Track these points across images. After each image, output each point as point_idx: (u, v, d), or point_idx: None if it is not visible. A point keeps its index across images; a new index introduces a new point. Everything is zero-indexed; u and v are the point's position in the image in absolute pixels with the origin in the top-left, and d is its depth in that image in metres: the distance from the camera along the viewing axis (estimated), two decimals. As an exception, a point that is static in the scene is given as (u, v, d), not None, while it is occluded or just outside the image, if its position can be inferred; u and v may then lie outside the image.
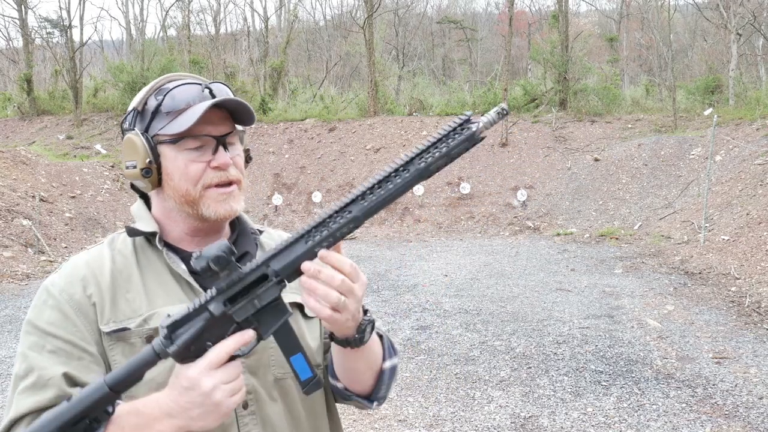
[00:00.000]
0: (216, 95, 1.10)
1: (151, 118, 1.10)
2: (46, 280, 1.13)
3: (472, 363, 5.46)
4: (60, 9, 44.68)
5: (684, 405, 4.45)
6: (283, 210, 15.49)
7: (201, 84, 1.11)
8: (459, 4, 44.31)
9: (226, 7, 56.98)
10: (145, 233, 1.14)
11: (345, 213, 0.93)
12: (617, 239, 11.91)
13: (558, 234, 12.78)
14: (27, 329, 1.07)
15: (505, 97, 18.28)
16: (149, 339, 1.04)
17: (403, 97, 22.56)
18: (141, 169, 1.09)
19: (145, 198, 1.20)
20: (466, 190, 14.80)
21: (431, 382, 5.06)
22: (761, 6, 20.72)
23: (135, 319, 1.07)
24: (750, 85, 19.66)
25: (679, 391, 4.69)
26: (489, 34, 38.47)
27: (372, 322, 1.06)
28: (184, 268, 1.11)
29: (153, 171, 1.09)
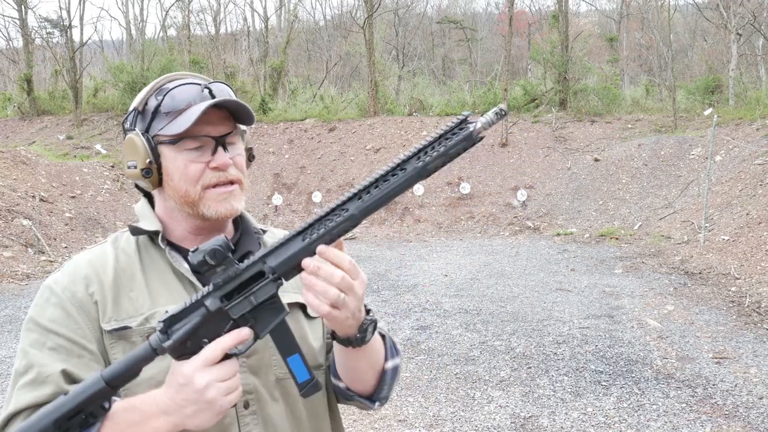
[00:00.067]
0: (216, 95, 1.09)
1: (151, 118, 1.10)
2: (48, 277, 1.13)
3: (472, 363, 5.46)
4: (60, 9, 44.73)
5: (684, 405, 4.45)
6: (283, 210, 15.49)
7: (200, 84, 1.11)
8: (459, 4, 44.34)
9: (226, 7, 57.00)
10: (148, 232, 1.14)
11: (342, 211, 0.93)
12: (617, 239, 11.91)
13: (558, 234, 12.78)
14: (28, 326, 1.07)
15: (505, 97, 18.27)
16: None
17: (403, 97, 22.56)
18: (141, 170, 1.10)
19: (150, 197, 1.20)
20: (466, 190, 14.80)
21: (431, 382, 5.05)
22: (761, 6, 20.72)
23: (137, 318, 1.07)
24: (750, 85, 19.66)
25: (679, 391, 4.69)
26: (489, 34, 38.47)
27: (374, 321, 1.05)
28: (186, 266, 1.11)
29: (153, 171, 1.10)
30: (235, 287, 0.94)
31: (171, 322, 0.93)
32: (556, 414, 4.38)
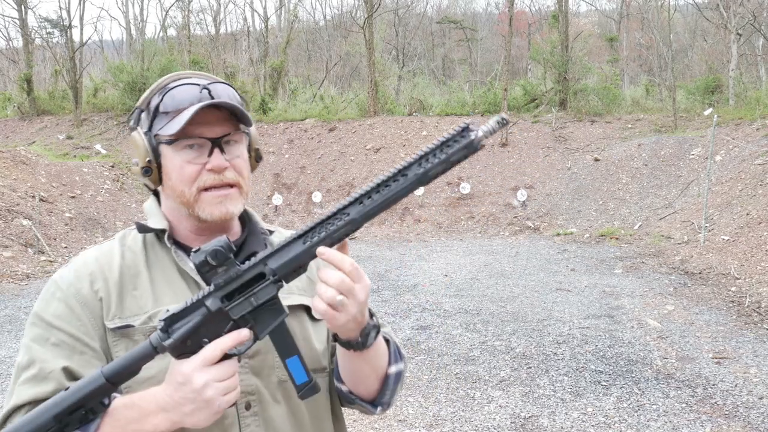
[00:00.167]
0: (215, 96, 1.08)
1: (153, 117, 1.10)
2: (55, 273, 1.14)
3: (472, 363, 5.46)
4: (60, 9, 44.73)
5: (684, 405, 4.45)
6: (283, 210, 15.49)
7: (199, 85, 1.10)
8: (459, 4, 44.33)
9: (226, 7, 57.01)
10: (155, 230, 1.14)
11: (344, 215, 0.94)
12: (617, 239, 11.91)
13: (558, 234, 12.78)
14: (33, 321, 1.08)
15: (505, 97, 18.28)
16: None
17: (403, 97, 22.56)
18: (141, 168, 1.11)
19: (158, 195, 1.20)
20: (466, 190, 14.80)
21: (431, 382, 5.06)
22: (761, 6, 20.72)
23: (140, 316, 1.07)
24: (750, 85, 19.66)
25: (679, 391, 4.69)
26: (489, 34, 38.47)
27: (377, 326, 1.05)
28: (191, 266, 1.10)
29: (153, 170, 1.10)
30: (236, 288, 0.95)
31: (172, 321, 0.94)
32: (556, 414, 4.38)
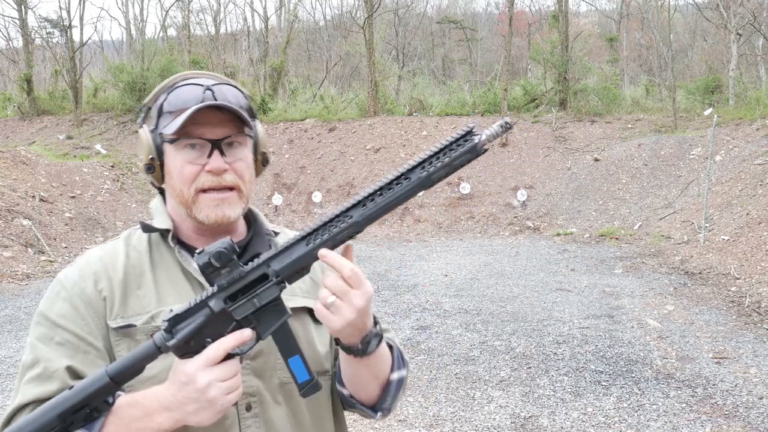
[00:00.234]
0: (218, 98, 1.08)
1: (158, 115, 1.11)
2: (60, 272, 1.14)
3: (472, 363, 5.46)
4: (60, 9, 44.69)
5: (684, 405, 4.45)
6: (283, 210, 15.49)
7: (203, 85, 1.09)
8: (459, 4, 44.34)
9: (226, 7, 57.02)
10: (159, 230, 1.14)
11: (346, 217, 0.95)
12: (617, 239, 11.91)
13: (558, 234, 12.78)
14: (38, 319, 1.09)
15: (505, 97, 18.28)
16: None
17: (403, 97, 22.55)
18: (144, 165, 1.12)
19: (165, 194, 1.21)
20: (466, 190, 14.80)
21: (431, 382, 5.05)
22: (761, 6, 20.72)
23: (143, 316, 1.07)
24: (750, 85, 19.65)
25: (679, 391, 4.69)
26: (489, 34, 38.47)
27: (379, 335, 1.05)
28: (195, 266, 1.10)
29: (155, 168, 1.11)
30: (239, 289, 0.96)
31: (175, 321, 0.95)
32: (556, 414, 4.38)
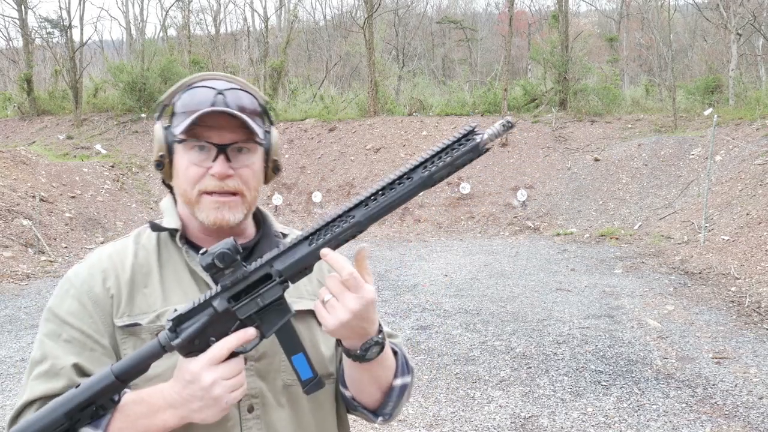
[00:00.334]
0: (229, 102, 1.07)
1: (172, 113, 1.12)
2: (70, 269, 1.15)
3: (472, 363, 5.46)
4: (60, 9, 44.66)
5: (684, 405, 4.45)
6: (283, 210, 15.49)
7: (215, 89, 1.09)
8: (459, 4, 44.34)
9: (226, 7, 57.03)
10: (167, 230, 1.15)
11: (349, 217, 0.96)
12: (617, 239, 11.91)
13: (558, 234, 12.78)
14: (47, 316, 1.10)
15: (505, 97, 18.28)
16: None
17: (403, 97, 22.55)
18: (154, 161, 1.13)
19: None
20: (466, 190, 14.80)
21: (431, 382, 5.05)
22: (761, 6, 20.72)
23: (148, 315, 1.08)
24: (750, 85, 19.65)
25: (679, 391, 4.69)
26: (489, 34, 38.47)
27: (380, 343, 1.04)
28: None
29: (164, 165, 1.12)
30: (243, 289, 0.97)
31: (180, 320, 0.96)
32: (556, 414, 4.38)
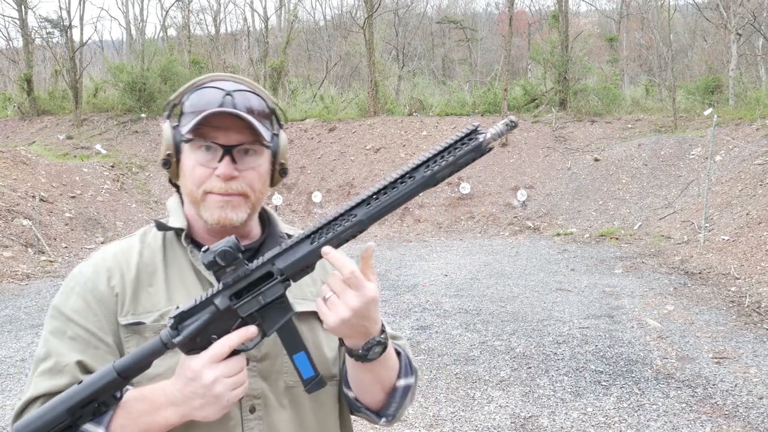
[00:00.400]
0: (236, 104, 1.07)
1: (181, 113, 1.13)
2: (76, 267, 1.16)
3: (472, 363, 5.46)
4: (60, 9, 44.63)
5: (684, 405, 4.45)
6: (283, 210, 15.49)
7: (224, 90, 1.09)
8: (459, 4, 44.33)
9: (226, 7, 57.04)
10: (173, 229, 1.15)
11: (351, 216, 0.96)
12: (617, 239, 11.91)
13: (558, 234, 12.78)
14: (52, 313, 1.11)
15: (505, 97, 18.27)
16: None
17: (403, 97, 22.55)
18: (161, 160, 1.13)
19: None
20: (466, 190, 14.80)
21: (431, 382, 5.05)
22: (761, 6, 20.72)
23: (152, 314, 1.09)
24: (750, 85, 19.65)
25: (679, 391, 4.69)
26: (489, 34, 38.47)
27: (383, 343, 1.04)
28: None
29: (171, 164, 1.12)
30: (245, 287, 0.97)
31: (181, 318, 0.96)
32: (556, 414, 4.38)
